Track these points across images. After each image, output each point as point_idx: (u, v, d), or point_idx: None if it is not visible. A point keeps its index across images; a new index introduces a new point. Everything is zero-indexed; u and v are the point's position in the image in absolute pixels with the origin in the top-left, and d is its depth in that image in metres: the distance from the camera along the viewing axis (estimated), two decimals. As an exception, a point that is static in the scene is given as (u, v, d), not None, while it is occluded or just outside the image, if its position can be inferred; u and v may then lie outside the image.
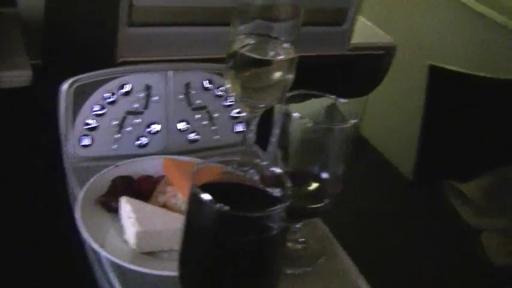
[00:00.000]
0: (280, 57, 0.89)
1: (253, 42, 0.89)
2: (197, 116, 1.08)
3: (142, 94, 1.03)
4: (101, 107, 1.01)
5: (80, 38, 1.04)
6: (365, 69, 1.43)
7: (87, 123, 1.00)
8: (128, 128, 1.03)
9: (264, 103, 0.92)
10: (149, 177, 0.96)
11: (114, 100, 1.01)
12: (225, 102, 1.10)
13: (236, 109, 1.12)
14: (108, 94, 1.01)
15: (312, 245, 0.93)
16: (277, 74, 0.89)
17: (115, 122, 1.02)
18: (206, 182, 0.62)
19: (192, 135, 1.09)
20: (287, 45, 0.89)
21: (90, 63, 1.01)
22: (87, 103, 1.00)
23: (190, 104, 1.07)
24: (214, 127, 1.11)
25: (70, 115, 0.99)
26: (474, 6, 1.99)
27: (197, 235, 0.61)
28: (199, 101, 1.08)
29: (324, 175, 0.83)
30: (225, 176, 0.66)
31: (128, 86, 1.02)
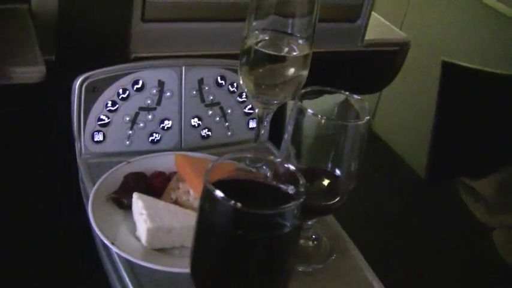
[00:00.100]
0: (294, 53, 0.89)
1: (267, 38, 0.89)
2: (210, 112, 1.08)
3: (155, 90, 1.03)
4: (114, 103, 1.01)
5: (93, 34, 1.04)
6: (379, 65, 1.42)
7: (100, 119, 1.00)
8: (141, 124, 1.03)
9: (278, 99, 0.91)
10: (162, 173, 0.96)
11: (127, 96, 1.01)
12: (238, 98, 1.10)
13: (249, 105, 1.11)
14: (121, 90, 1.01)
15: (324, 242, 0.93)
16: (291, 71, 0.89)
17: (128, 118, 1.02)
18: (219, 179, 0.61)
19: (205, 131, 1.09)
20: (302, 41, 0.88)
21: (103, 59, 1.01)
22: (100, 99, 1.00)
23: (203, 100, 1.07)
24: (227, 123, 1.10)
25: (83, 111, 0.99)
26: (488, 1, 1.97)
27: (210, 232, 0.61)
28: (212, 97, 1.08)
29: (337, 172, 0.83)
30: (238, 173, 0.66)
31: (141, 82, 1.02)
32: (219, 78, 1.08)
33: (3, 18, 1.03)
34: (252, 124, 1.12)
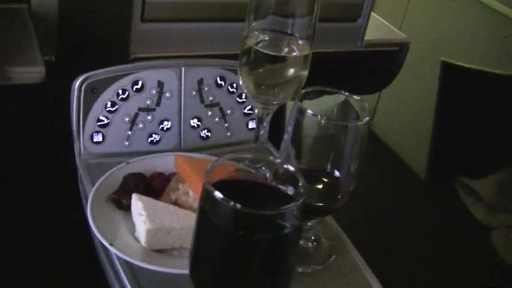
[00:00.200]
0: (294, 53, 0.88)
1: (267, 38, 0.88)
2: (209, 113, 1.08)
3: (154, 91, 1.03)
4: (113, 104, 1.01)
5: (93, 34, 1.04)
6: (378, 65, 1.42)
7: (99, 119, 1.00)
8: (140, 125, 1.03)
9: (278, 100, 0.91)
10: (161, 174, 0.96)
11: (126, 97, 1.01)
12: (238, 98, 1.10)
13: (249, 106, 1.11)
14: (120, 91, 1.00)
15: (324, 243, 0.93)
16: (291, 71, 0.88)
17: (127, 119, 1.02)
18: (219, 180, 0.61)
19: (205, 132, 1.08)
20: (302, 41, 0.88)
21: (103, 59, 1.01)
22: (99, 99, 1.00)
23: (202, 101, 1.07)
24: (226, 124, 1.10)
25: (82, 111, 0.99)
26: (487, 1, 1.97)
27: (210, 233, 0.61)
28: (211, 98, 1.08)
29: (337, 173, 0.83)
30: (238, 174, 0.66)
31: (140, 83, 1.02)
32: (219, 78, 1.07)
33: (2, 18, 1.03)
34: (252, 125, 1.12)
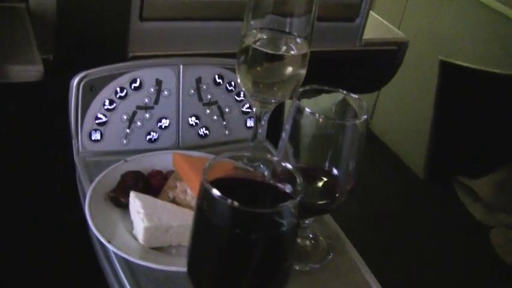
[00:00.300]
0: (292, 52, 0.89)
1: (265, 37, 0.89)
2: (208, 111, 1.08)
3: (152, 89, 1.03)
4: (111, 102, 1.01)
5: (91, 33, 1.04)
6: (377, 64, 1.42)
7: (97, 117, 1.00)
8: (138, 123, 1.03)
9: (276, 98, 0.91)
10: (159, 172, 0.96)
11: (124, 95, 1.01)
12: (236, 97, 1.10)
13: (247, 104, 1.11)
14: (118, 89, 1.00)
15: (322, 242, 0.93)
16: (289, 69, 0.88)
17: (125, 117, 1.02)
18: (217, 178, 0.61)
19: (203, 130, 1.08)
20: (300, 40, 0.88)
21: (101, 58, 1.01)
22: (97, 98, 1.00)
23: (201, 99, 1.07)
24: (224, 122, 1.10)
25: (80, 110, 0.99)
26: (486, 1, 1.97)
27: (207, 231, 0.61)
28: (210, 96, 1.08)
29: (335, 171, 0.83)
30: (236, 172, 0.66)
31: (139, 81, 1.02)
32: (217, 77, 1.08)
33: (1, 17, 1.03)
34: (250, 123, 1.12)
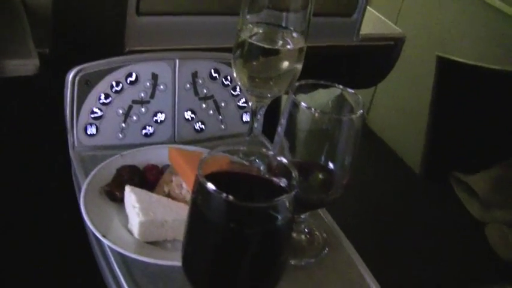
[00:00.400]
0: (288, 46, 0.88)
1: (262, 31, 0.88)
2: (204, 106, 1.08)
3: (148, 83, 1.02)
4: (107, 96, 1.00)
5: (88, 27, 1.04)
6: (374, 60, 1.42)
7: (93, 111, 1.00)
8: (134, 117, 1.03)
9: (272, 93, 0.91)
10: (155, 166, 0.96)
11: (120, 89, 1.01)
12: (232, 91, 1.10)
13: (243, 99, 1.11)
14: (114, 83, 1.00)
15: (317, 236, 0.93)
16: (285, 64, 0.88)
17: (121, 111, 1.02)
18: (212, 172, 0.61)
19: (199, 124, 1.08)
20: (296, 35, 0.88)
21: (97, 52, 1.00)
22: (93, 92, 0.99)
23: (196, 94, 1.07)
24: (220, 117, 1.10)
25: (76, 104, 0.99)
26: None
27: (202, 225, 0.61)
28: (206, 91, 1.07)
29: (331, 166, 0.83)
30: (231, 166, 0.66)
31: (134, 75, 1.01)
32: (213, 71, 1.07)
33: (-4, 10, 1.03)
34: (246, 118, 1.12)
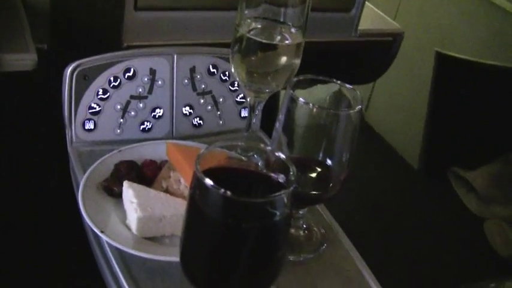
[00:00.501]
0: (287, 41, 0.88)
1: (260, 26, 0.88)
2: (202, 101, 1.08)
3: (146, 78, 1.02)
4: (105, 91, 1.00)
5: (86, 23, 1.03)
6: (372, 55, 1.42)
7: (91, 107, 1.00)
8: (132, 113, 1.03)
9: (270, 88, 0.91)
10: (153, 162, 0.96)
11: (118, 84, 1.01)
12: (230, 87, 1.10)
13: (241, 94, 1.11)
14: (112, 78, 1.00)
15: (315, 232, 0.93)
16: (283, 59, 0.88)
17: (119, 106, 1.01)
18: (210, 167, 0.61)
19: (197, 120, 1.08)
20: (294, 30, 0.88)
21: (95, 48, 1.00)
22: (91, 87, 0.99)
23: (195, 89, 1.07)
24: (219, 112, 1.10)
25: (74, 99, 0.99)
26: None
27: (200, 221, 0.61)
28: (204, 86, 1.07)
29: (329, 161, 0.83)
30: (229, 161, 0.66)
31: (132, 70, 1.01)
32: (211, 66, 1.07)
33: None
34: (244, 113, 1.12)
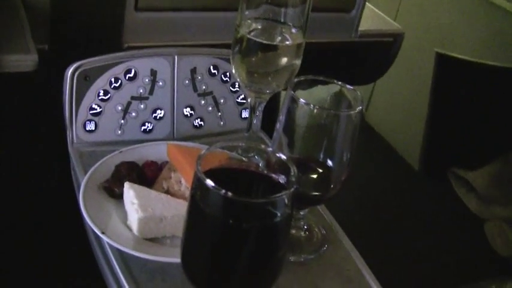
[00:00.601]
0: (287, 42, 0.88)
1: (260, 27, 0.88)
2: (203, 102, 1.08)
3: (147, 79, 1.02)
4: (106, 92, 1.00)
5: (87, 23, 1.03)
6: (373, 56, 1.42)
7: (92, 108, 1.00)
8: (133, 113, 1.03)
9: (270, 89, 0.91)
10: (153, 163, 0.96)
11: (119, 85, 1.01)
12: (231, 88, 1.10)
13: (242, 95, 1.11)
14: (113, 79, 1.00)
15: (316, 233, 0.93)
16: (284, 60, 0.88)
17: (120, 107, 1.02)
18: (211, 168, 0.61)
19: (198, 121, 1.08)
20: (295, 30, 0.88)
21: (96, 48, 1.00)
22: (92, 88, 0.99)
23: (195, 90, 1.07)
24: (219, 113, 1.10)
25: (74, 100, 0.99)
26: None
27: (201, 221, 0.61)
28: (204, 87, 1.07)
29: (330, 162, 0.83)
30: (230, 162, 0.66)
31: (133, 71, 1.01)
32: (212, 67, 1.07)
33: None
34: (245, 114, 1.12)
